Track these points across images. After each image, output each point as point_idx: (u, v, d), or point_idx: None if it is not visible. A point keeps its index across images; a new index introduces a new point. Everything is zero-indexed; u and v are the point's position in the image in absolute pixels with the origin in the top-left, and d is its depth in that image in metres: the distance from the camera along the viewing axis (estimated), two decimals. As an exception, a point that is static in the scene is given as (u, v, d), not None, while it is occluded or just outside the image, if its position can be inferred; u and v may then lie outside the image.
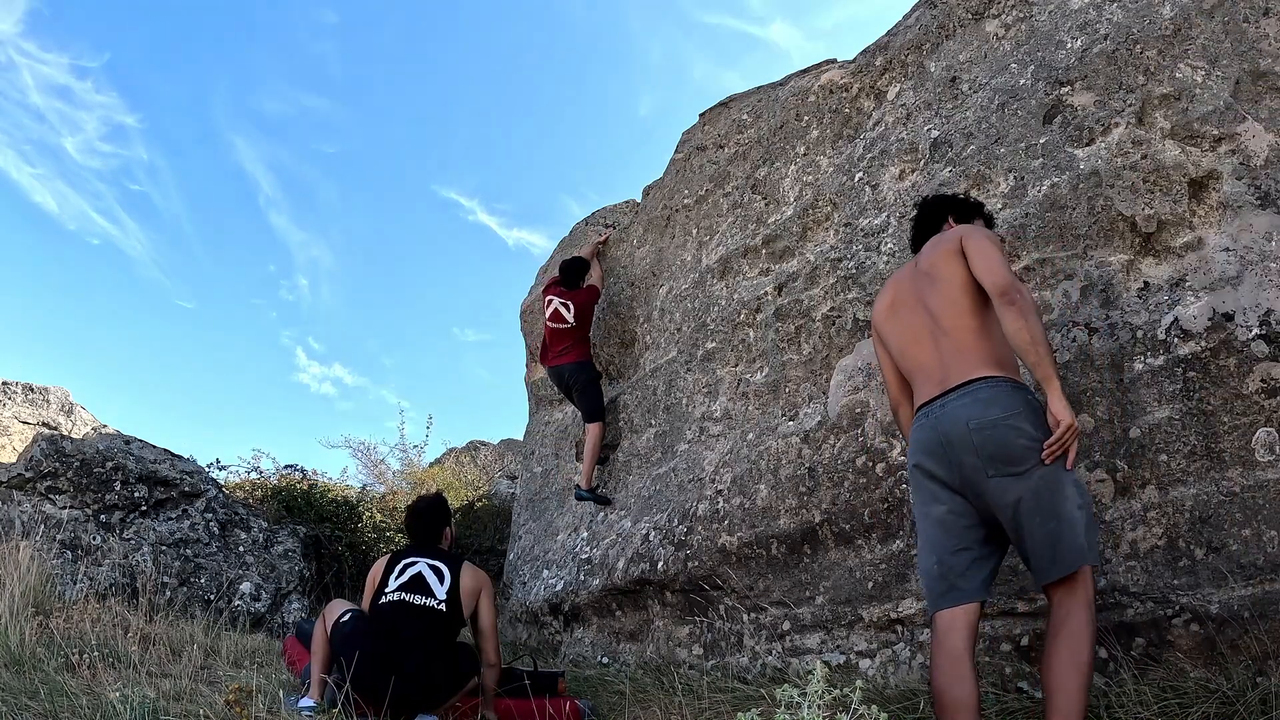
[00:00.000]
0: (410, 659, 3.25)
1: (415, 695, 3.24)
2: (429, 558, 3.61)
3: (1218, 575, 2.36)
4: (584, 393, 5.67)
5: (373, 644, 3.28)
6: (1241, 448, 2.39)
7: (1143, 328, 2.70)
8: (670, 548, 4.35)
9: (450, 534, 3.91)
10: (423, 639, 3.33)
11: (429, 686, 3.28)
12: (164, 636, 4.49)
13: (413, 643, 3.30)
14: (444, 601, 3.45)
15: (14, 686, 2.97)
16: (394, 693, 3.16)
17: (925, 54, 4.02)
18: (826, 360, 3.84)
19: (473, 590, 3.57)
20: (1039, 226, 3.07)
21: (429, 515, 3.80)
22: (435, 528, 3.79)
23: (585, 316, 5.76)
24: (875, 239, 3.77)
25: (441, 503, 3.92)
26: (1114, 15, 3.14)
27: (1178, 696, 2.29)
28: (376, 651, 3.25)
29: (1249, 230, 2.60)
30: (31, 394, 9.99)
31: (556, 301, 5.77)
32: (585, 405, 5.70)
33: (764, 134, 4.95)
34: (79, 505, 6.14)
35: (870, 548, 3.37)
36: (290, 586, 6.59)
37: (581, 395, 5.69)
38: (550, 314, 5.80)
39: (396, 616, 3.39)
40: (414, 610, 3.40)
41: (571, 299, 5.73)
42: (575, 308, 5.69)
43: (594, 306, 5.88)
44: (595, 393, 5.70)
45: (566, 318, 5.70)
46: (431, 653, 3.31)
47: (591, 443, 5.60)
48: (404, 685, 3.20)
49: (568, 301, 5.72)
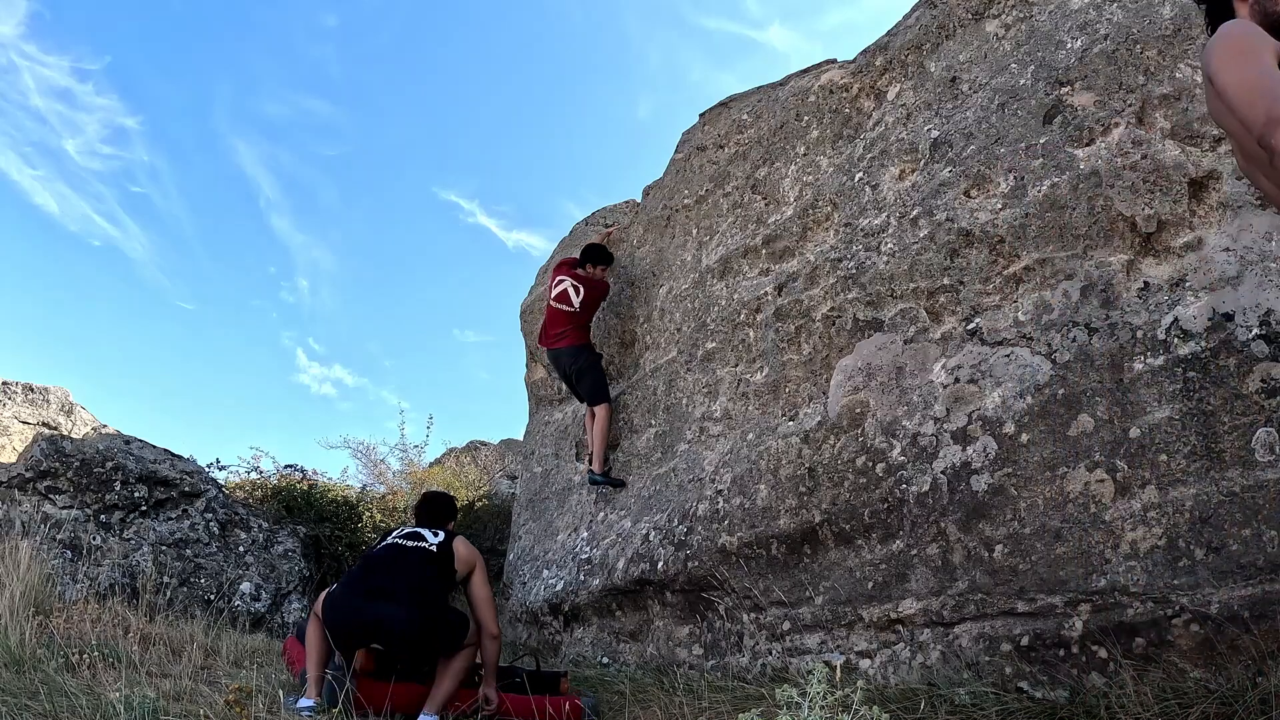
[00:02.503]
0: (400, 587, 3.30)
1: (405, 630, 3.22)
2: (427, 528, 3.74)
3: (1218, 575, 2.36)
4: (586, 375, 5.57)
5: (364, 581, 3.37)
6: (1241, 448, 2.39)
7: (1143, 328, 2.70)
8: (670, 548, 4.35)
9: (453, 529, 3.99)
10: (416, 569, 3.40)
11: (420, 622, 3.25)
12: (164, 636, 4.49)
13: (403, 573, 3.37)
14: (436, 545, 3.53)
15: (14, 686, 2.97)
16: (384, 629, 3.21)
17: (925, 54, 4.02)
18: (826, 360, 3.84)
19: (466, 558, 3.61)
20: (1039, 226, 3.07)
21: (437, 502, 4.01)
22: (441, 515, 3.94)
23: (591, 306, 5.66)
24: (875, 239, 3.77)
25: (451, 497, 4.14)
26: (1114, 15, 3.14)
27: (1178, 696, 2.29)
28: (370, 586, 3.33)
29: (1249, 230, 2.60)
30: (31, 394, 9.99)
31: (567, 282, 5.64)
32: (588, 388, 5.58)
33: (764, 134, 4.95)
34: (79, 505, 6.14)
35: (870, 548, 3.37)
36: (290, 586, 6.60)
37: (582, 378, 5.59)
38: (557, 294, 5.66)
39: (387, 556, 3.48)
40: (405, 550, 3.49)
41: (584, 284, 5.61)
42: (585, 294, 5.59)
43: (601, 301, 5.78)
44: (598, 374, 5.60)
45: (574, 301, 5.57)
46: (424, 580, 3.36)
47: (600, 426, 5.50)
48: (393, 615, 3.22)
49: (579, 285, 5.60)
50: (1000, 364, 3.06)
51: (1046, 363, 2.91)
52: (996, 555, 2.88)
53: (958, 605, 3.00)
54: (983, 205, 3.31)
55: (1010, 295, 3.16)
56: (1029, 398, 2.91)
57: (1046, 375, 2.89)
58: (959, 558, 3.01)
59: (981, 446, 3.00)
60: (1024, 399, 2.92)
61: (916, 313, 3.48)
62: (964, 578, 2.98)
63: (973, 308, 3.27)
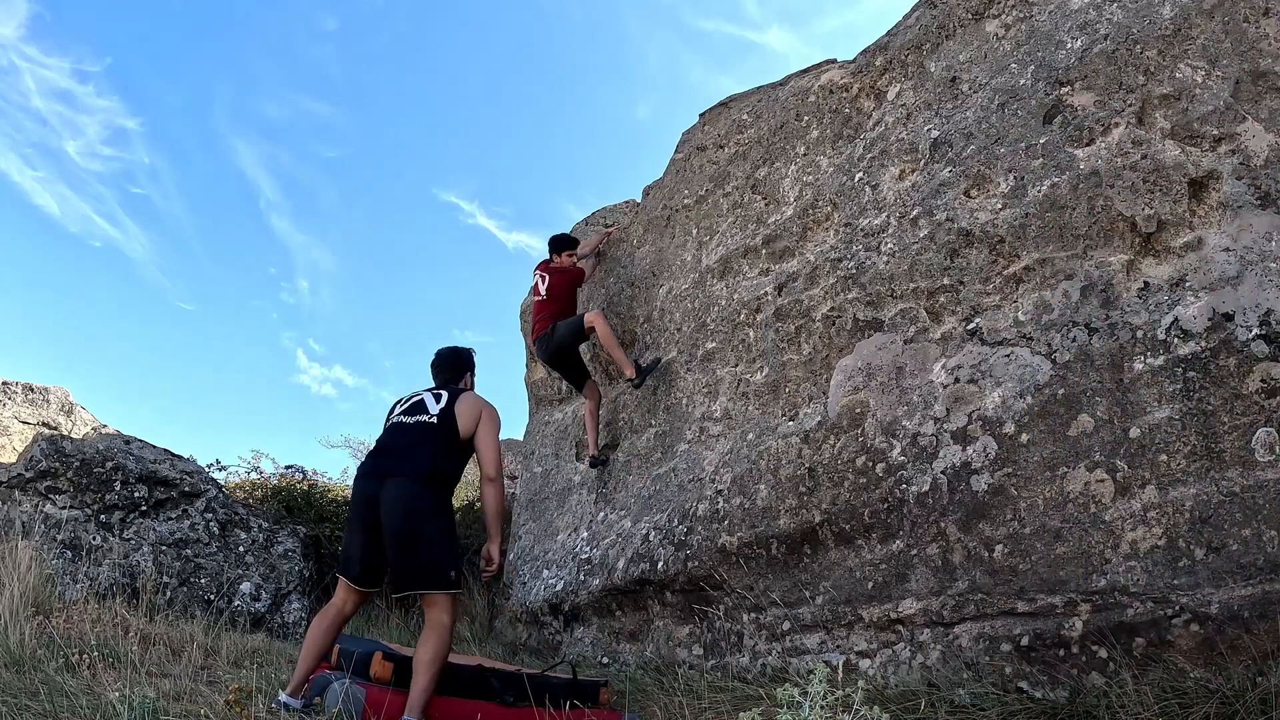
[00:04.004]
0: (397, 464, 3.24)
1: (390, 518, 3.14)
2: (435, 390, 3.57)
3: (1218, 575, 2.36)
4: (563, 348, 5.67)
5: (372, 461, 3.33)
6: (1241, 448, 2.39)
7: (1143, 328, 2.70)
8: (670, 548, 4.34)
9: (471, 380, 3.80)
10: (413, 447, 3.30)
11: (411, 496, 3.17)
12: (164, 636, 4.49)
13: (402, 451, 3.29)
14: (436, 416, 3.40)
15: (14, 686, 2.97)
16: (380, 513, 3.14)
17: (925, 54, 4.02)
18: (826, 360, 3.84)
19: (471, 411, 3.43)
20: (1039, 226, 3.07)
21: (443, 360, 3.76)
22: (454, 372, 3.73)
23: (559, 291, 5.79)
24: (875, 239, 3.77)
25: (460, 351, 3.82)
26: (1114, 15, 3.15)
27: (1178, 696, 2.29)
28: (372, 470, 3.28)
29: (1249, 230, 2.60)
30: (31, 394, 10.00)
31: (537, 275, 5.93)
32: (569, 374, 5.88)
33: (764, 134, 4.95)
34: (79, 505, 6.14)
35: (870, 548, 3.37)
36: (290, 586, 6.60)
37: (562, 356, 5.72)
38: (533, 287, 5.99)
39: (391, 434, 3.41)
40: (406, 427, 3.40)
41: (550, 273, 5.82)
42: (550, 281, 5.78)
43: (573, 286, 5.91)
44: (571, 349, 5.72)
45: (541, 290, 5.82)
46: (421, 457, 3.27)
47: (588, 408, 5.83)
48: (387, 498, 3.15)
49: (545, 274, 5.82)
50: (1000, 364, 3.06)
51: (1046, 363, 2.92)
52: (996, 555, 2.88)
53: (958, 605, 3.00)
54: (983, 205, 3.31)
55: (1010, 295, 3.16)
56: (1029, 398, 2.91)
57: (1046, 375, 2.89)
58: (959, 558, 3.01)
59: (981, 446, 3.00)
60: (1024, 399, 2.92)
61: (916, 313, 3.48)
62: (964, 578, 2.98)
63: (973, 308, 3.27)
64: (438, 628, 3.10)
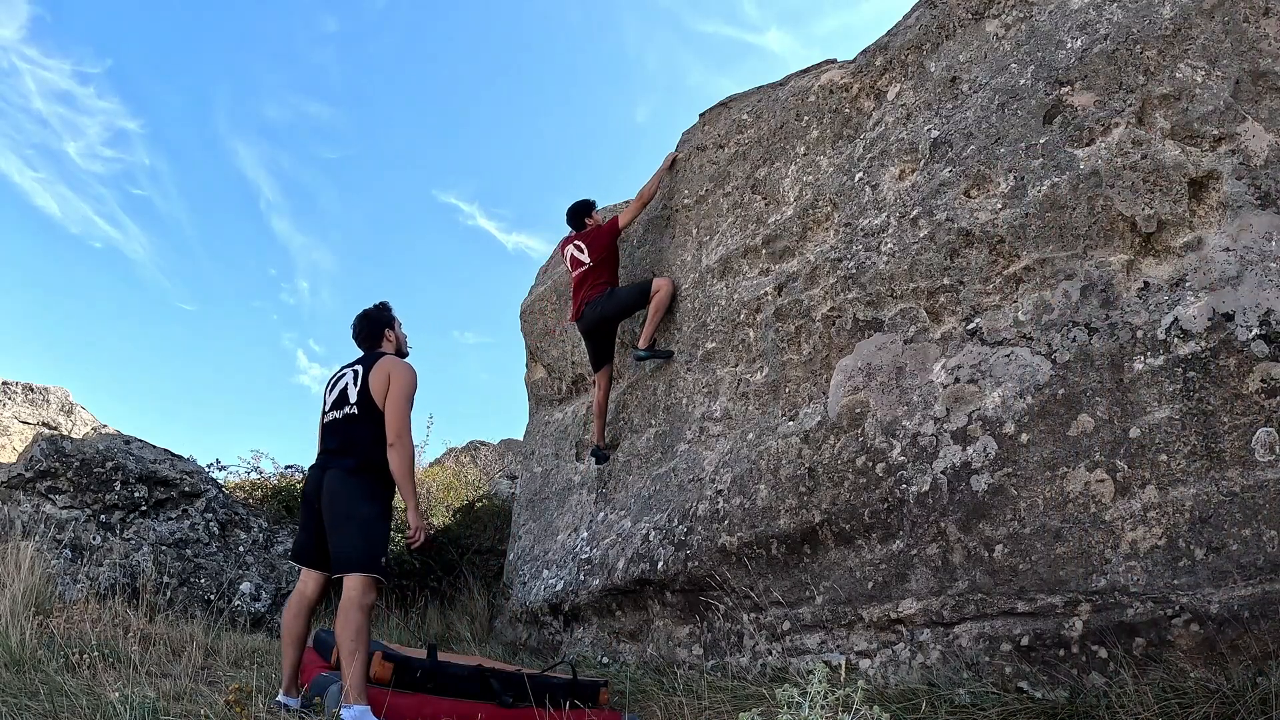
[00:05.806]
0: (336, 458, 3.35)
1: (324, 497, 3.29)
2: (355, 365, 3.56)
3: (1218, 575, 2.37)
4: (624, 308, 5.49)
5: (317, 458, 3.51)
6: (1241, 448, 2.39)
7: (1143, 328, 2.70)
8: (670, 548, 4.35)
9: (395, 335, 3.72)
10: (346, 443, 3.38)
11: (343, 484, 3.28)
12: (164, 636, 4.49)
13: (337, 450, 3.38)
14: (356, 404, 3.43)
15: (14, 686, 2.97)
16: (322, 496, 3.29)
17: (925, 54, 4.02)
18: (826, 360, 3.84)
19: (380, 380, 3.40)
20: (1039, 226, 3.07)
21: (360, 330, 3.69)
22: (371, 334, 3.66)
23: (605, 252, 5.59)
24: (875, 239, 3.77)
25: (370, 312, 3.71)
26: (1114, 15, 3.15)
27: (1178, 696, 2.29)
28: (317, 462, 3.46)
29: (1249, 230, 2.60)
30: (31, 394, 10.00)
31: (571, 248, 5.70)
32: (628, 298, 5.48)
33: (764, 134, 4.95)
34: (79, 505, 6.14)
35: (870, 548, 3.37)
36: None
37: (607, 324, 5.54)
38: (570, 263, 5.72)
39: (326, 434, 3.51)
40: (337, 424, 3.45)
41: (586, 238, 5.64)
42: (591, 244, 5.59)
43: (614, 241, 5.69)
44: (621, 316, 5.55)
45: (584, 259, 5.60)
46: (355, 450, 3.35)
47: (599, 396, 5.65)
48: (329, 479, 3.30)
49: (582, 243, 5.64)
50: (1000, 364, 3.06)
51: (1046, 363, 2.92)
52: (996, 555, 2.88)
53: (958, 605, 3.00)
54: (983, 205, 3.31)
55: (1010, 295, 3.16)
56: (1029, 398, 2.91)
57: (1046, 375, 2.89)
58: (959, 558, 3.01)
59: (981, 446, 3.00)
60: (1024, 399, 2.92)
61: (916, 313, 3.48)
62: (964, 578, 2.99)
63: (973, 308, 3.27)
64: (347, 607, 3.11)
